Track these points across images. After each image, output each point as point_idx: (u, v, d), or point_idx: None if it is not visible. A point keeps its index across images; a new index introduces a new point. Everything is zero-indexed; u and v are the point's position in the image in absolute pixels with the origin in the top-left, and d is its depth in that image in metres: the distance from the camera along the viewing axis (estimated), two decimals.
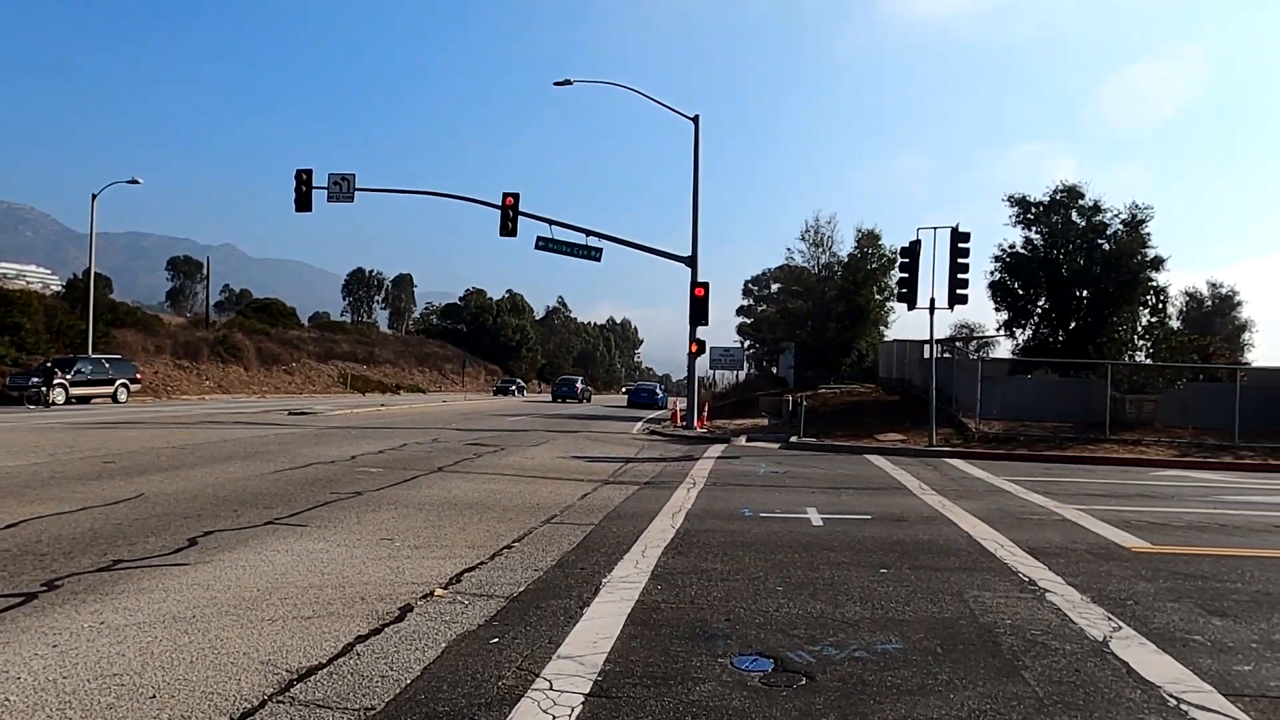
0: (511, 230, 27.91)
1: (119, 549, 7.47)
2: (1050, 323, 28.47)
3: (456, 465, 15.10)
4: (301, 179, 28.01)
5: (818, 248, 41.28)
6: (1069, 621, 5.99)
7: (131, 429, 21.76)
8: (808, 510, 10.88)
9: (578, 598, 6.32)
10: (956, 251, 20.82)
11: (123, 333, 50.24)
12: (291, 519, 9.27)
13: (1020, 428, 23.31)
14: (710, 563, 7.65)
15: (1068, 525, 10.34)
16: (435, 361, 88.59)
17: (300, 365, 65.61)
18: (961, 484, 14.61)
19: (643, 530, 9.18)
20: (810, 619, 5.89)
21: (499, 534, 8.79)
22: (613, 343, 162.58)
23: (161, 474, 12.61)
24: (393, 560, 7.44)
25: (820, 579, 7.09)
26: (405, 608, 5.95)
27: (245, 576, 6.68)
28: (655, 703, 4.30)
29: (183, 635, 5.19)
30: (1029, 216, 28.22)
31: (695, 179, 28.91)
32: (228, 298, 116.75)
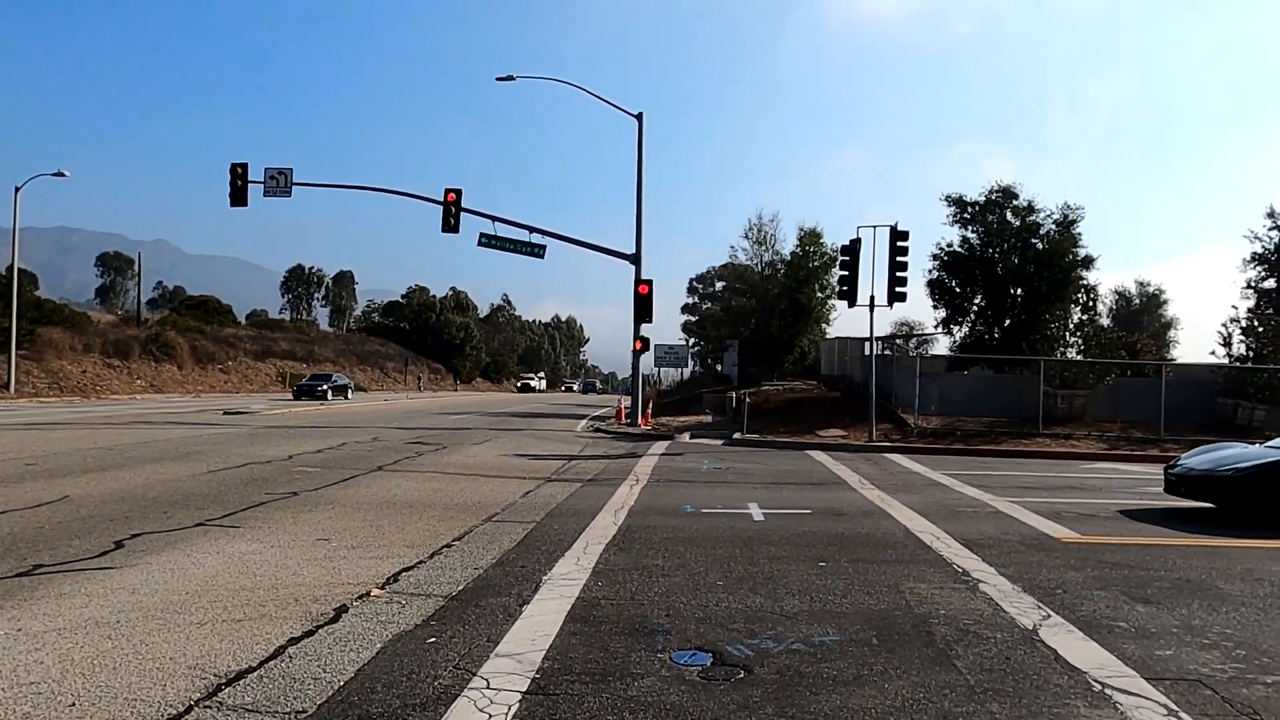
0: (454, 227, 27.61)
1: (40, 553, 7.20)
2: (986, 320, 29.12)
3: (397, 464, 14.90)
4: (237, 173, 27.35)
5: (761, 246, 41.67)
6: (1000, 611, 6.12)
7: (57, 430, 21.04)
8: (749, 506, 10.96)
9: (517, 595, 6.28)
10: (896, 250, 21.16)
11: (49, 330, 48.55)
12: (224, 520, 9.04)
13: (958, 423, 23.80)
14: (652, 559, 7.66)
15: (1001, 517, 10.58)
16: (377, 360, 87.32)
17: (237, 364, 64.13)
18: (900, 478, 14.85)
19: (585, 527, 9.15)
20: (749, 613, 5.93)
21: (439, 533, 8.68)
22: (558, 340, 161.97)
23: (88, 475, 12.20)
24: (328, 561, 7.30)
25: (760, 573, 7.14)
26: (340, 609, 5.84)
27: (174, 579, 6.50)
28: (593, 699, 4.28)
29: (106, 641, 5.02)
30: (965, 216, 28.83)
31: (639, 177, 28.92)
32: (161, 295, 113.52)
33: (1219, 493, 10.78)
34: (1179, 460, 11.99)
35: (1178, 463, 11.83)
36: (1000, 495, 12.56)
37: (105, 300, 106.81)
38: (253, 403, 39.35)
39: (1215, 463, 11.12)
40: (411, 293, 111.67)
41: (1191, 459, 11.72)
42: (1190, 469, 11.27)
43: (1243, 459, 10.97)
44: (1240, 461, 10.88)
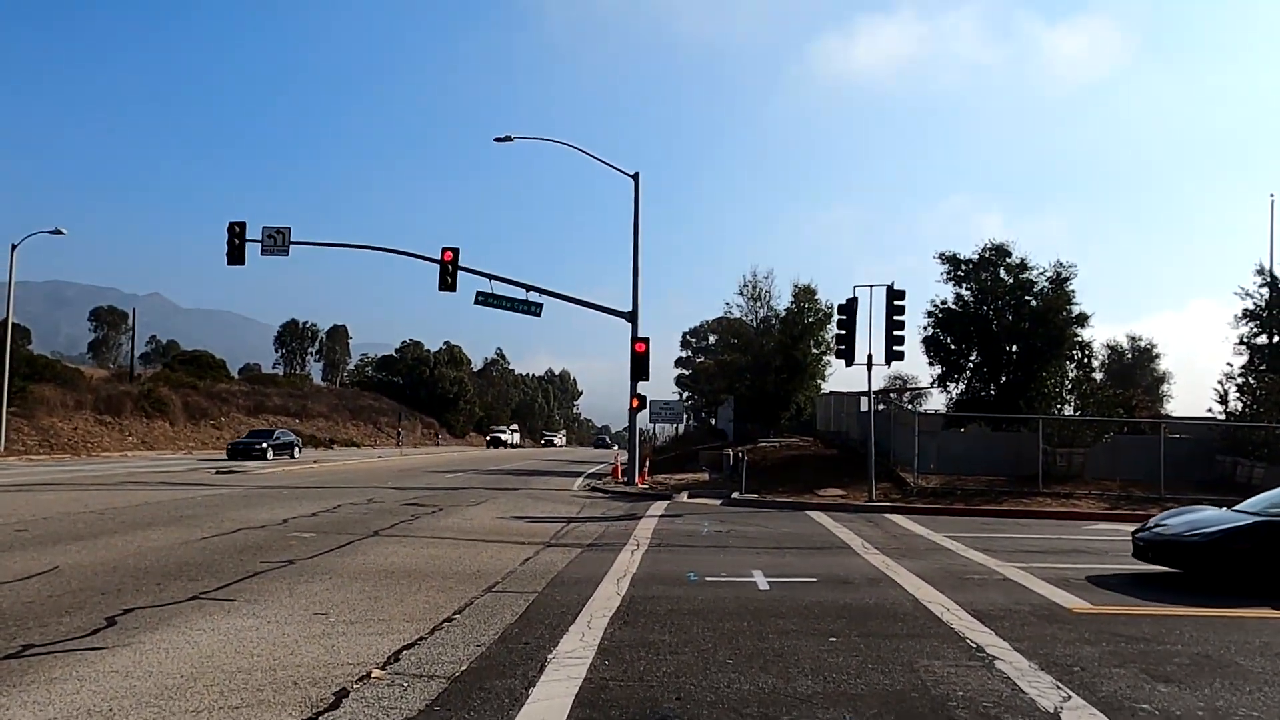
0: (451, 285, 27.68)
1: (30, 632, 7.00)
2: (982, 377, 29.16)
3: (393, 528, 14.67)
4: (234, 232, 27.43)
5: (755, 301, 41.83)
6: (1019, 691, 5.96)
7: (47, 491, 20.75)
8: (753, 573, 10.78)
9: (522, 676, 6.10)
10: (892, 309, 21.23)
11: (41, 387, 48.24)
12: (218, 592, 8.84)
13: (957, 481, 23.65)
14: (658, 634, 7.48)
15: (1009, 585, 10.42)
16: (370, 414, 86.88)
17: (230, 420, 63.71)
18: (903, 541, 14.68)
19: (588, 598, 8.97)
20: (762, 695, 5.76)
21: (439, 605, 8.49)
22: (551, 394, 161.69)
23: (78, 543, 11.97)
24: (327, 638, 7.11)
25: (770, 649, 6.97)
26: (340, 693, 5.66)
27: (168, 661, 6.30)
28: None
29: None
30: (959, 274, 29.05)
31: (635, 236, 29.11)
32: (154, 349, 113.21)
33: (1184, 558, 10.66)
34: (1146, 525, 11.88)
35: (1144, 527, 11.71)
36: (1006, 561, 12.40)
37: (98, 355, 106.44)
38: (245, 460, 39.00)
39: (1183, 527, 10.98)
40: (405, 347, 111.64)
41: (1159, 524, 11.58)
42: (1157, 534, 11.14)
43: (1208, 524, 10.82)
44: (1206, 526, 10.73)
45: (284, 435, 47.05)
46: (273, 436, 45.15)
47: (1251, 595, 9.73)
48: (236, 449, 41.82)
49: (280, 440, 44.85)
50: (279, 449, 43.42)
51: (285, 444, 44.94)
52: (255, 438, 44.81)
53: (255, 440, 43.58)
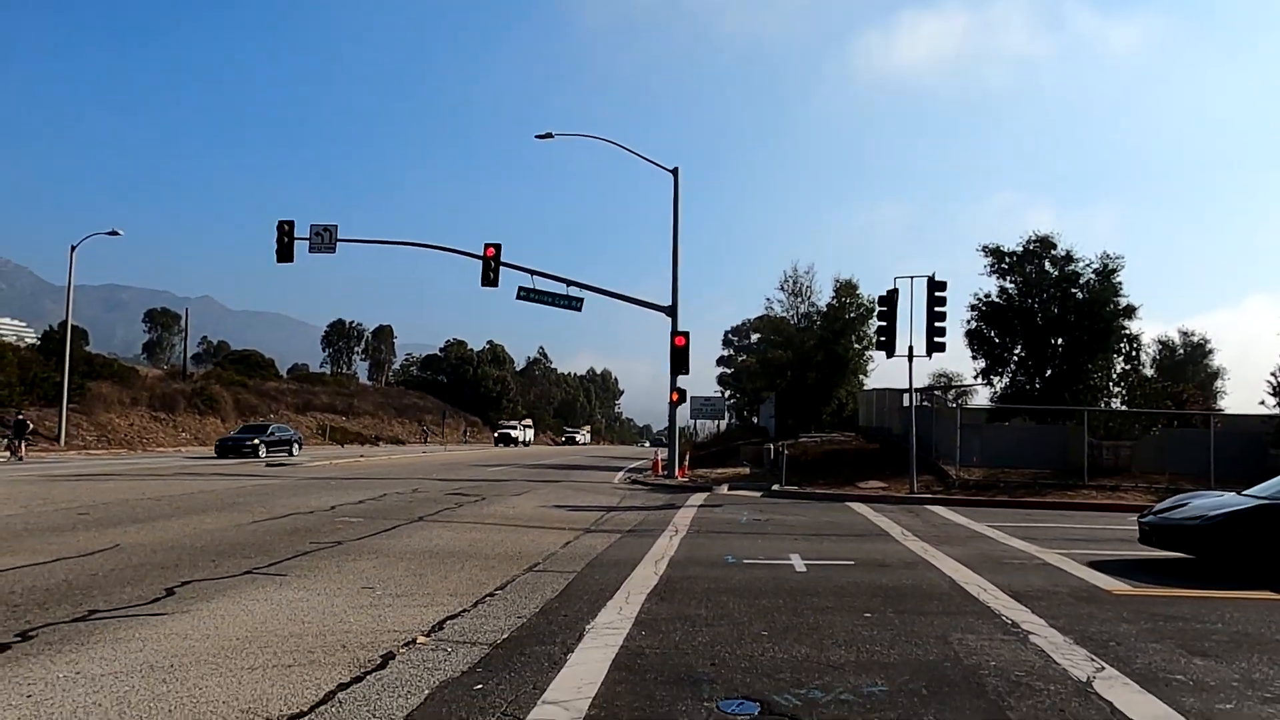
0: (493, 281, 28.04)
1: (94, 600, 7.35)
2: (1027, 370, 28.81)
3: (438, 515, 14.99)
4: (283, 230, 28.09)
5: (796, 297, 41.79)
6: (1052, 663, 6.00)
7: (106, 481, 21.46)
8: (791, 557, 10.87)
9: (562, 644, 6.28)
10: (933, 300, 21.11)
11: (99, 385, 49.73)
12: (271, 568, 9.16)
13: (1000, 474, 23.43)
14: (694, 609, 7.62)
15: (1049, 569, 10.39)
16: (415, 413, 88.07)
17: (278, 417, 64.97)
18: (943, 530, 14.64)
19: (626, 577, 9.14)
20: (795, 663, 5.88)
21: (482, 582, 8.71)
22: (593, 393, 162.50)
23: (137, 525, 12.43)
24: (374, 609, 7.36)
25: (804, 624, 7.08)
26: (387, 655, 5.89)
27: (224, 625, 6.59)
28: None
29: (161, 684, 5.11)
30: (1003, 266, 28.71)
31: (675, 230, 29.24)
32: (206, 349, 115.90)
33: (1186, 542, 10.49)
34: (1153, 509, 11.73)
35: (1150, 511, 11.56)
36: (1047, 547, 12.32)
37: (152, 355, 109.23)
38: (294, 454, 39.82)
39: (1189, 511, 10.81)
40: (449, 346, 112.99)
41: (1167, 509, 11.42)
42: (1163, 519, 10.97)
43: (1214, 508, 10.62)
44: (1210, 511, 10.55)
45: (281, 430, 42.61)
46: (266, 432, 40.47)
47: (1254, 580, 9.53)
48: (225, 446, 37.95)
49: (275, 436, 40.52)
50: (273, 446, 39.19)
51: (281, 440, 40.69)
52: (247, 433, 40.42)
53: (247, 436, 39.44)
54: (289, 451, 40.48)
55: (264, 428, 41.95)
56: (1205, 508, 10.74)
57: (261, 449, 37.76)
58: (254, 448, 37.54)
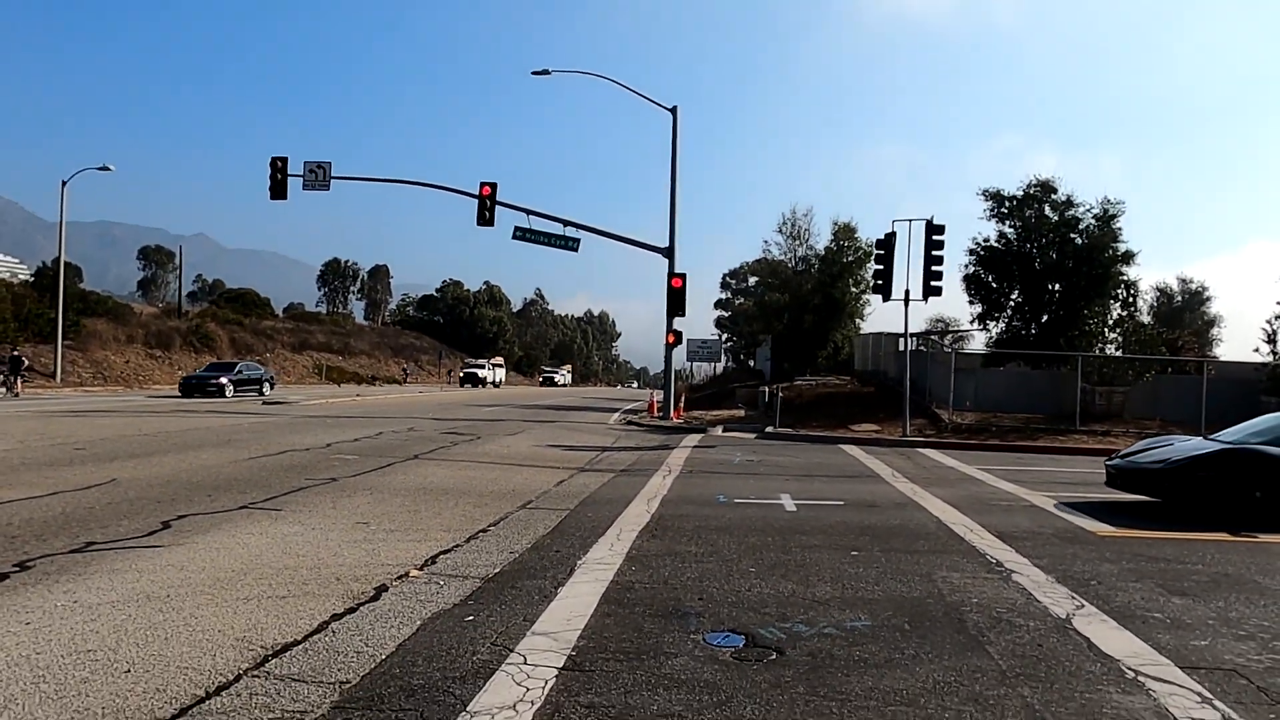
0: (489, 220, 27.83)
1: (91, 531, 7.44)
2: (1023, 315, 28.84)
3: (433, 453, 15.10)
4: (276, 166, 27.77)
5: (795, 240, 41.59)
6: (1034, 600, 6.12)
7: (103, 417, 21.55)
8: (781, 497, 11.00)
9: (553, 578, 6.38)
10: (931, 244, 21.01)
11: (93, 322, 49.62)
12: (266, 503, 9.25)
13: (993, 419, 23.60)
14: (685, 545, 7.73)
15: (1036, 511, 10.52)
16: (411, 353, 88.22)
17: (275, 356, 65.07)
18: (934, 472, 14.79)
19: (618, 515, 9.25)
20: (781, 598, 5.98)
21: (475, 518, 8.82)
22: (590, 335, 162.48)
23: (134, 460, 12.52)
24: (368, 543, 7.46)
25: (792, 561, 7.19)
26: (380, 588, 5.98)
27: (220, 558, 6.69)
28: (627, 676, 4.37)
29: (157, 613, 5.20)
30: (1003, 210, 28.57)
31: (673, 170, 28.95)
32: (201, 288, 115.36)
33: (1147, 485, 10.57)
34: (1120, 452, 11.85)
35: (1118, 454, 11.71)
36: (1035, 490, 12.47)
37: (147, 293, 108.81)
38: (290, 393, 39.95)
39: (1155, 455, 10.90)
40: (446, 287, 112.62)
41: (1135, 452, 11.55)
42: (1129, 462, 11.08)
43: (1179, 453, 10.70)
44: (1175, 455, 10.62)
45: (250, 369, 40.32)
46: (234, 370, 38.29)
47: (1215, 522, 9.63)
48: (190, 384, 35.96)
49: (244, 375, 38.41)
50: (242, 385, 37.29)
51: (250, 379, 38.64)
52: (213, 371, 38.37)
53: (212, 375, 37.26)
54: (259, 390, 38.65)
55: (231, 365, 39.95)
56: (1171, 452, 10.82)
57: (229, 388, 35.93)
58: (220, 387, 35.69)
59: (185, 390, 35.76)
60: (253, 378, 39.12)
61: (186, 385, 36.11)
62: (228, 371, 37.88)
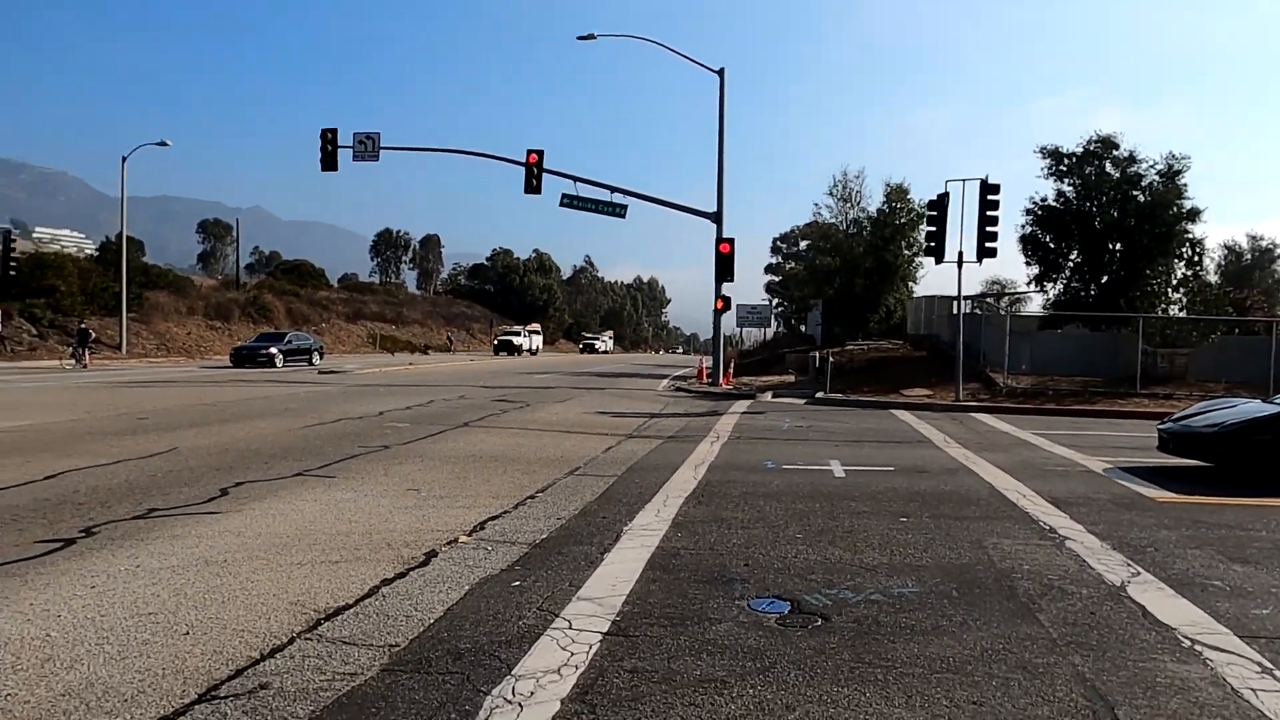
0: (536, 188, 27.84)
1: (153, 498, 7.68)
2: (1082, 276, 28.08)
3: (482, 420, 15.27)
4: (326, 138, 28.05)
5: (846, 203, 40.86)
6: (1087, 567, 6.00)
7: (165, 388, 22.18)
8: (830, 463, 10.92)
9: (598, 544, 6.43)
10: (986, 204, 20.51)
11: (156, 295, 50.96)
12: (320, 470, 9.46)
13: (1049, 382, 23.11)
14: (731, 512, 7.73)
15: (1092, 476, 10.30)
16: (463, 321, 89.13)
17: (330, 326, 66.27)
18: (987, 437, 14.55)
19: (665, 481, 9.27)
20: (828, 565, 5.95)
21: (523, 485, 8.91)
22: (640, 302, 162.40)
23: (194, 429, 12.88)
24: (418, 509, 7.58)
25: (839, 527, 7.14)
26: (430, 553, 6.09)
27: (275, 524, 6.86)
28: (671, 641, 4.39)
29: (215, 577, 5.35)
30: (1061, 168, 27.72)
31: (720, 134, 28.61)
32: (257, 260, 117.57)
33: (1200, 449, 10.20)
34: (1172, 415, 11.46)
35: (1171, 418, 11.32)
36: (1092, 455, 12.20)
37: (206, 266, 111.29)
38: (345, 362, 40.69)
39: (1210, 419, 10.49)
40: (496, 255, 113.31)
41: (1190, 415, 11.15)
42: (1183, 426, 10.69)
43: (1236, 416, 10.29)
44: (1232, 418, 10.22)
45: (299, 339, 40.72)
46: (283, 340, 38.64)
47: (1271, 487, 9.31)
48: (241, 355, 36.40)
49: (293, 344, 38.71)
50: (291, 355, 37.53)
51: (300, 349, 38.90)
52: (263, 342, 38.36)
53: (262, 345, 37.32)
54: (308, 360, 38.85)
55: (281, 335, 40.37)
56: (1227, 415, 10.46)
57: (279, 358, 36.23)
58: (270, 357, 36.00)
59: (236, 361, 36.19)
60: (302, 347, 39.37)
61: (238, 356, 36.54)
62: (277, 342, 38.23)
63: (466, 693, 3.75)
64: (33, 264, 44.17)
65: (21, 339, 39.96)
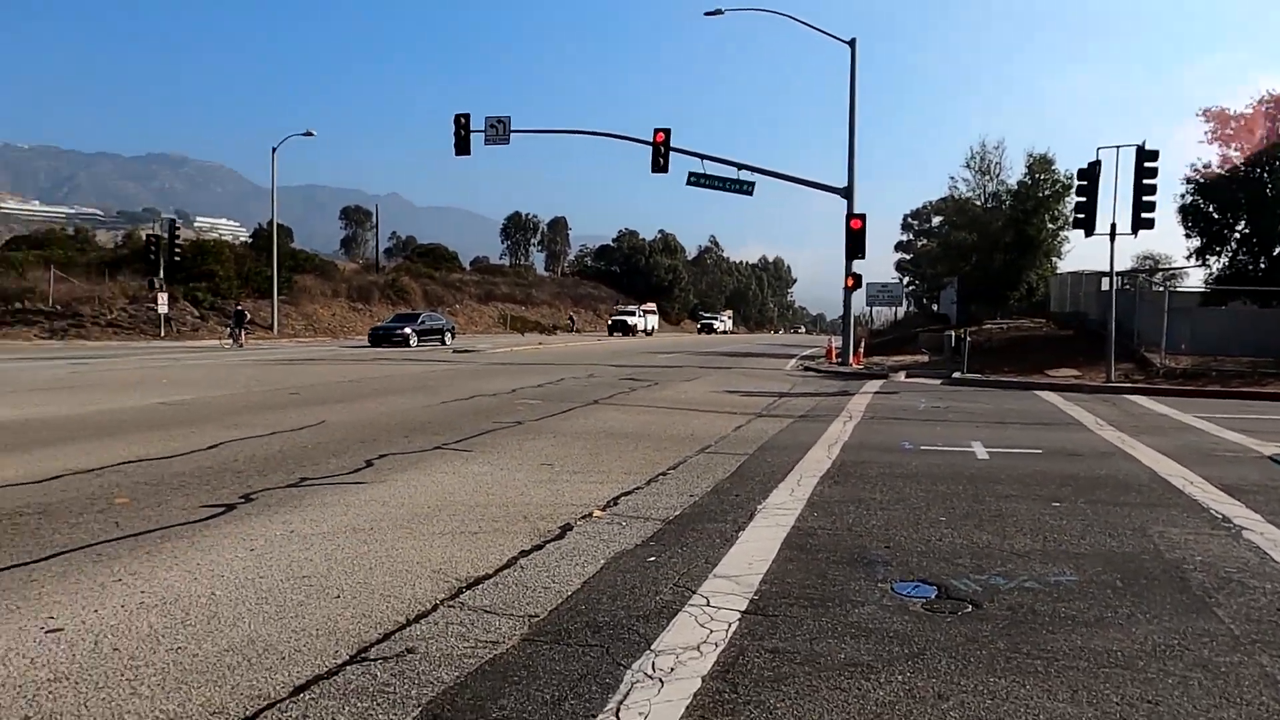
0: (663, 166, 27.79)
1: (305, 468, 8.04)
2: (1250, 249, 25.93)
3: (612, 398, 15.39)
4: (460, 123, 28.80)
5: (984, 175, 39.07)
6: (1269, 560, 5.50)
7: (311, 365, 23.36)
8: (972, 444, 10.44)
9: (733, 522, 6.32)
10: (1142, 171, 19.16)
11: (303, 278, 53.78)
12: (457, 444, 9.71)
13: (1212, 362, 21.49)
14: (868, 492, 7.48)
15: (1267, 464, 9.48)
16: (590, 302, 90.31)
17: (463, 307, 68.40)
18: (1144, 420, 13.64)
19: (797, 461, 9.07)
20: (975, 549, 5.66)
21: (654, 462, 8.89)
22: (765, 282, 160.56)
23: (339, 404, 13.47)
24: (552, 484, 7.67)
25: (986, 511, 6.80)
26: (565, 527, 6.13)
27: (416, 495, 7.06)
28: (812, 622, 4.25)
29: (362, 544, 5.54)
30: (1228, 131, 25.61)
31: (851, 106, 27.80)
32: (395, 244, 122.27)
33: None
34: None
35: None
36: (1268, 441, 11.23)
37: (348, 250, 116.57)
38: (477, 342, 41.89)
39: None
40: (622, 236, 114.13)
41: None
42: None
43: None
44: None
45: (432, 319, 41.79)
46: (417, 320, 39.92)
47: None
48: (377, 335, 37.61)
49: (426, 325, 39.88)
50: (425, 334, 38.64)
51: (432, 329, 39.94)
52: (398, 322, 39.74)
53: (397, 325, 38.65)
54: (441, 340, 39.77)
55: (415, 316, 41.57)
56: None
57: (413, 338, 37.28)
58: (404, 336, 37.04)
59: (374, 340, 37.34)
60: (435, 327, 40.38)
61: (374, 335, 37.74)
62: (411, 322, 39.34)
63: (606, 665, 3.73)
64: (195, 251, 47.47)
65: (185, 320, 42.95)
